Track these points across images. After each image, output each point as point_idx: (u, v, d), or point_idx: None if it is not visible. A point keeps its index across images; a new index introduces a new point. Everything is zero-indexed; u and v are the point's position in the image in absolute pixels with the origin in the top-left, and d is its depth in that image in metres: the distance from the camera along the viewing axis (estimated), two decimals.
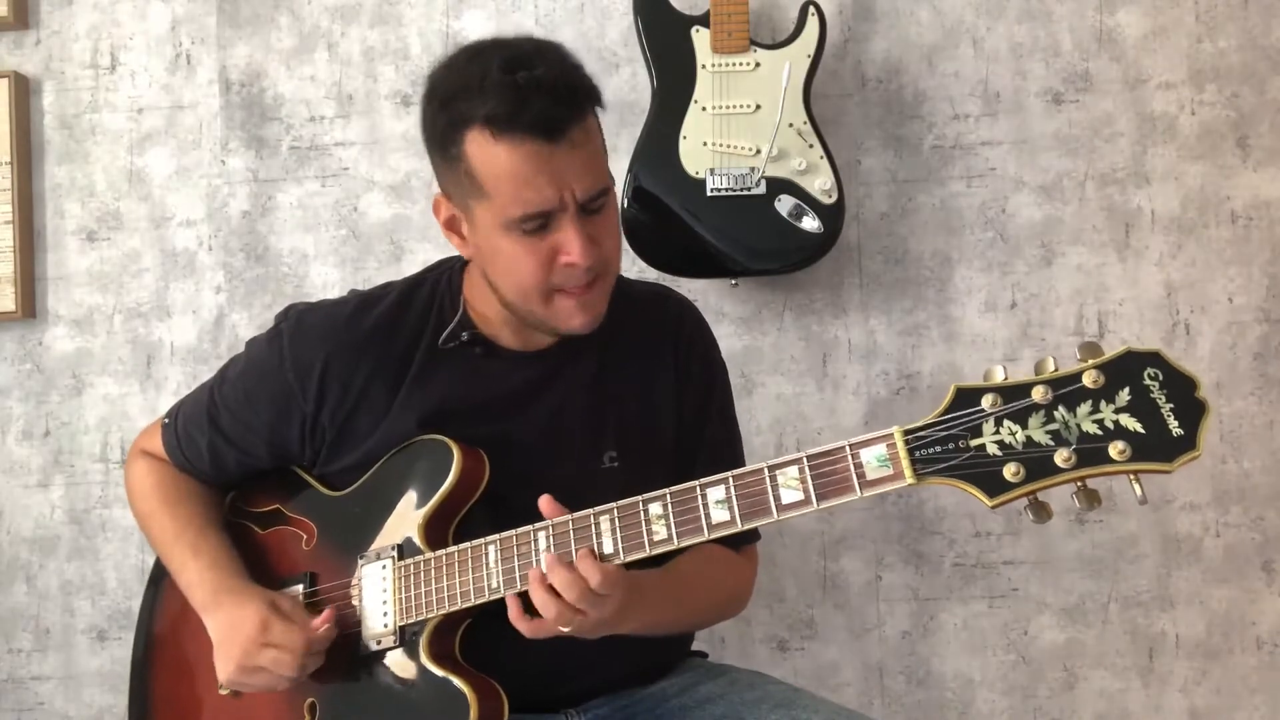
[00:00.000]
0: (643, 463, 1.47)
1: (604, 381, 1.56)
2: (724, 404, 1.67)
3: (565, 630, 1.34)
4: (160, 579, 1.70)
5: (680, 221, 2.17)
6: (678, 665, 1.64)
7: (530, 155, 1.36)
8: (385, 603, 1.47)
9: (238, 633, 1.48)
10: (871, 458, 1.23)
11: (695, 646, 1.71)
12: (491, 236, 1.42)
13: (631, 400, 1.57)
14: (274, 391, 1.56)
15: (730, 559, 1.60)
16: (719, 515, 1.30)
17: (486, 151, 1.37)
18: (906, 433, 1.22)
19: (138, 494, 1.69)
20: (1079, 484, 1.18)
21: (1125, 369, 1.16)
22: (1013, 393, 1.19)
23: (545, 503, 1.37)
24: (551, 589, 1.32)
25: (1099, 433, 1.15)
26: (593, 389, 1.56)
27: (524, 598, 1.36)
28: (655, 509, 1.32)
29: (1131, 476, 1.16)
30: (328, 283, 2.40)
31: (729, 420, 1.67)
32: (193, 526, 1.61)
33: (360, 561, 1.51)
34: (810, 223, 2.16)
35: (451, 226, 1.50)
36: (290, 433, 1.58)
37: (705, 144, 2.17)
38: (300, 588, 1.56)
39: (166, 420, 1.68)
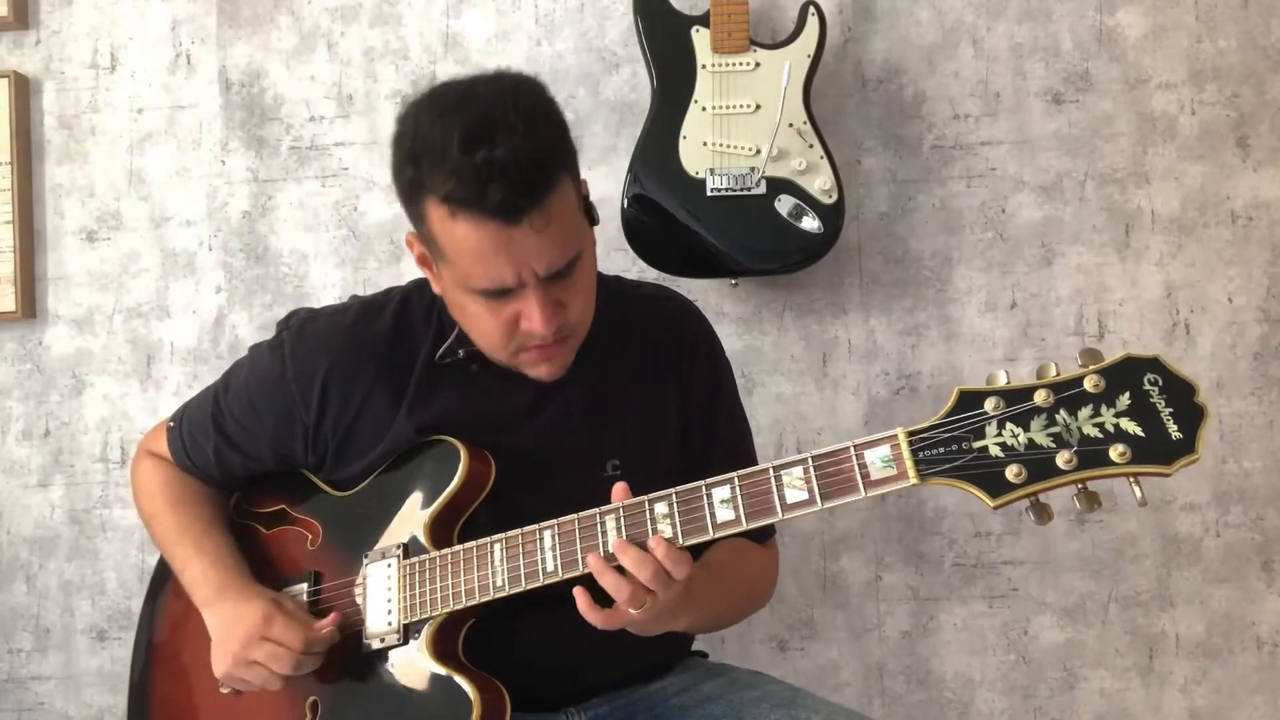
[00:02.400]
0: (646, 469, 1.46)
1: (604, 389, 1.55)
2: (732, 403, 1.67)
3: (635, 614, 1.31)
4: (159, 589, 1.71)
5: (680, 221, 2.17)
6: (678, 665, 1.63)
7: (489, 236, 1.33)
8: (390, 601, 1.47)
9: (239, 626, 1.48)
10: (875, 458, 1.24)
11: (695, 646, 1.71)
12: (457, 294, 1.42)
13: (633, 407, 1.56)
14: (277, 401, 1.56)
15: (756, 550, 1.60)
16: (724, 514, 1.30)
17: (446, 225, 1.35)
18: (910, 434, 1.23)
19: (143, 494, 1.69)
20: (1080, 486, 1.19)
21: (1126, 374, 1.18)
22: (1015, 396, 1.20)
23: (618, 489, 1.35)
24: (620, 570, 1.30)
25: (1100, 436, 1.16)
26: (592, 398, 1.54)
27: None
28: (661, 508, 1.32)
29: (1131, 479, 1.17)
30: (328, 283, 2.40)
31: (738, 419, 1.67)
32: (197, 525, 1.61)
33: (365, 560, 1.51)
34: (810, 223, 2.16)
35: (424, 263, 1.48)
36: (293, 442, 1.58)
37: (705, 144, 2.17)
38: (304, 586, 1.56)
39: (171, 424, 1.68)
